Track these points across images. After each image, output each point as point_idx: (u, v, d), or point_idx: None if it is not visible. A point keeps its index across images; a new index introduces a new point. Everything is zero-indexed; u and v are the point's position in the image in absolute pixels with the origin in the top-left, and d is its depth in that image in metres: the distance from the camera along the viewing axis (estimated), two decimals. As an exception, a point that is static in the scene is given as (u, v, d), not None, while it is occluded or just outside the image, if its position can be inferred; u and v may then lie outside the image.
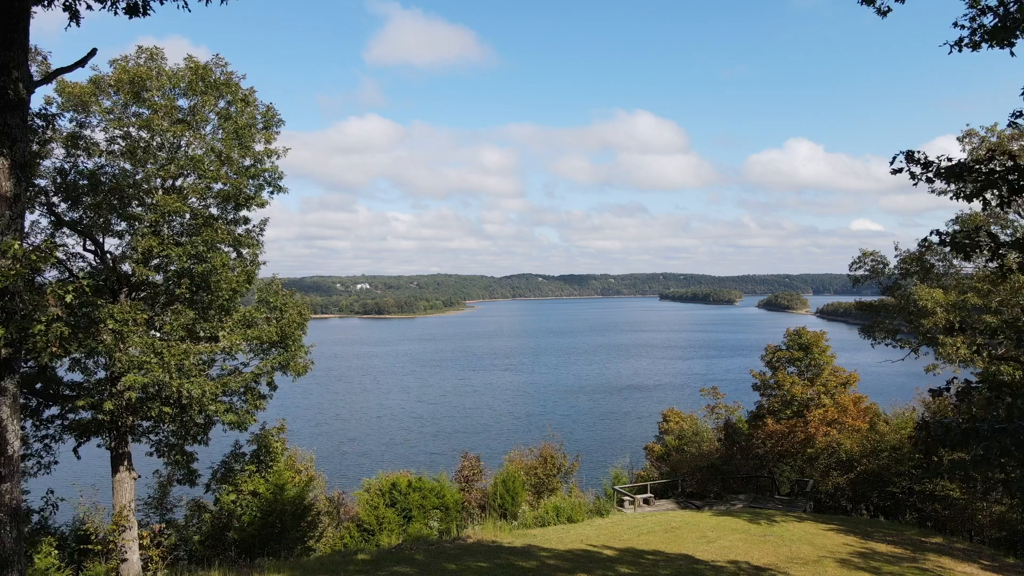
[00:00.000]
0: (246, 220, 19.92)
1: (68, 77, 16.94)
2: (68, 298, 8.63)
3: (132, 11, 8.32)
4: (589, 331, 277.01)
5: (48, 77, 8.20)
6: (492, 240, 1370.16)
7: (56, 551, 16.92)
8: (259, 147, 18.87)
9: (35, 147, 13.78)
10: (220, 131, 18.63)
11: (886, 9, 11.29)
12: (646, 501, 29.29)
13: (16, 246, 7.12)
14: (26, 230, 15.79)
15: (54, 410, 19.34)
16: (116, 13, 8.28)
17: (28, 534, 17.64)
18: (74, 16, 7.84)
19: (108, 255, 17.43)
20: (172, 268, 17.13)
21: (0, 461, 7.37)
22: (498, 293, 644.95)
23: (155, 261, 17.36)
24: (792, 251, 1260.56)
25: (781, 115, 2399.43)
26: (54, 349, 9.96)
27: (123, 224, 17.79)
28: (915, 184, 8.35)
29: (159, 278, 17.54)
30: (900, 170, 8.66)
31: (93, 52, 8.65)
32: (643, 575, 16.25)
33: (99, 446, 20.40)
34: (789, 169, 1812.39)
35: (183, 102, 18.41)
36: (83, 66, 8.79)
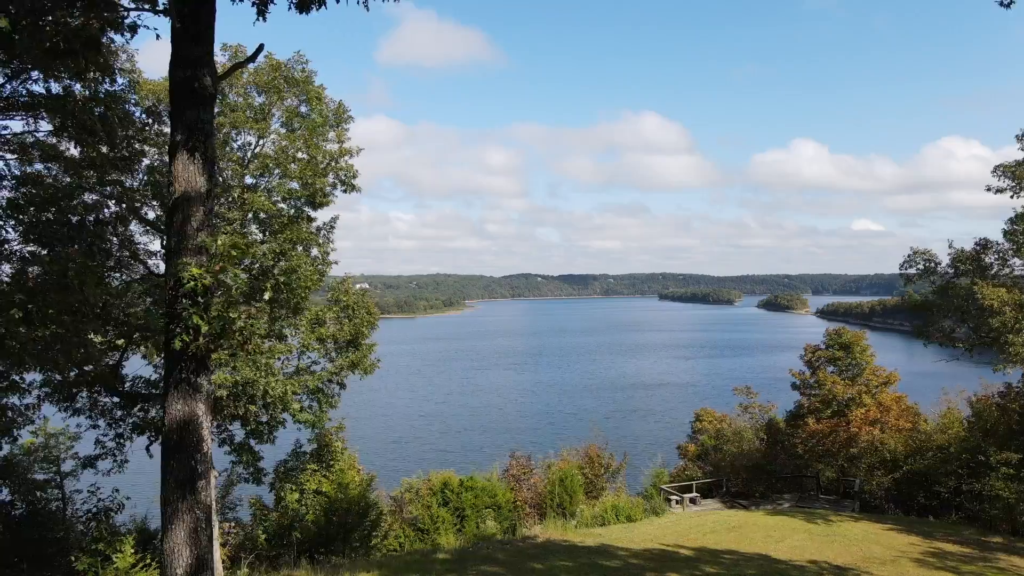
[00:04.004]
0: (311, 219, 19.87)
1: (149, 75, 16.87)
2: (267, 295, 8.55)
3: (304, 7, 8.28)
4: (591, 331, 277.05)
5: (228, 71, 8.15)
6: (493, 240, 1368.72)
7: (131, 550, 16.83)
8: (333, 146, 18.81)
9: (137, 146, 13.72)
10: (292, 128, 18.57)
11: (1008, 1, 11.43)
12: (692, 500, 29.32)
13: (219, 242, 7.08)
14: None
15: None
16: (290, 8, 8.25)
17: (107, 533, 17.56)
18: (261, 12, 7.79)
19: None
20: (255, 267, 17.04)
21: (197, 458, 7.35)
22: (497, 293, 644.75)
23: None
24: (792, 251, 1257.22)
25: (788, 115, 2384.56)
26: (250, 347, 9.91)
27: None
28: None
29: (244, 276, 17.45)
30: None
31: (260, 48, 8.60)
32: (729, 575, 16.27)
33: (158, 443, 20.31)
34: (793, 169, 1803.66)
35: (258, 100, 18.34)
36: (254, 61, 8.78)
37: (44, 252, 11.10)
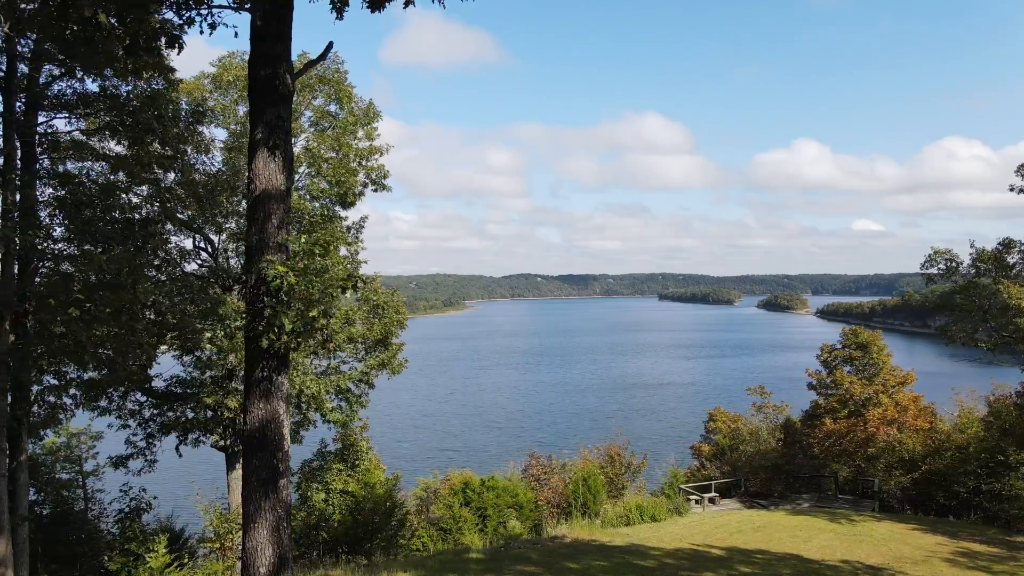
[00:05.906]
0: (341, 217, 19.85)
1: (187, 74, 16.84)
2: (347, 294, 8.54)
3: (376, 5, 8.26)
4: (591, 331, 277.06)
5: (303, 69, 8.14)
6: (494, 240, 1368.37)
7: (164, 550, 16.79)
8: (364, 144, 18.80)
9: (181, 145, 13.71)
10: (321, 128, 18.54)
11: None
12: (712, 500, 29.33)
13: (302, 240, 7.07)
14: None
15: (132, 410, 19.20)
16: (363, 7, 8.23)
17: (139, 534, 17.51)
18: (339, 11, 7.78)
19: (222, 252, 17.36)
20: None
21: (279, 456, 7.32)
22: (497, 293, 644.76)
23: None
24: (792, 251, 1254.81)
25: (790, 114, 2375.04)
26: (331, 345, 9.84)
27: (232, 222, 17.70)
28: None
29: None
30: None
31: (330, 45, 8.58)
32: (765, 574, 16.26)
33: (186, 443, 20.24)
34: (794, 170, 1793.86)
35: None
36: (324, 59, 8.76)
37: (99, 250, 11.07)
